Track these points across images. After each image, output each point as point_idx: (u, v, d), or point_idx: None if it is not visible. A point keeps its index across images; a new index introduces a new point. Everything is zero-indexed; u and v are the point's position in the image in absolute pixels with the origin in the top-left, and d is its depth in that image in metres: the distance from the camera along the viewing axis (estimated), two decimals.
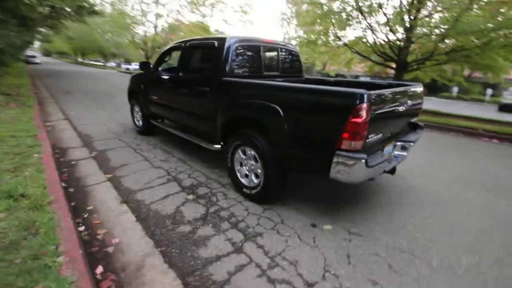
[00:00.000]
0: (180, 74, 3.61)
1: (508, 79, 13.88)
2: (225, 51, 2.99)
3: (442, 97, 21.37)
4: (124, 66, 36.87)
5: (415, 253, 2.13)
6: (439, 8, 8.54)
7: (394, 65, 10.33)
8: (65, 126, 5.38)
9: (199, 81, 3.29)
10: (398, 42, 9.64)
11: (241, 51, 3.12)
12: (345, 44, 11.14)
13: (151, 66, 4.30)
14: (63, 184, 2.87)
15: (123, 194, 2.85)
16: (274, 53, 3.49)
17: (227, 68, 2.98)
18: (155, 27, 21.12)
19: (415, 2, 8.73)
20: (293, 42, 17.79)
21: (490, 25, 7.51)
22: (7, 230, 1.93)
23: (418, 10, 8.95)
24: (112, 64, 42.54)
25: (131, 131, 5.28)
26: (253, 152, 2.66)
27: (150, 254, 2.00)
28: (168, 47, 4.23)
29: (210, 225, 2.39)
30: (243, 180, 2.87)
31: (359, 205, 2.85)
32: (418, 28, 9.15)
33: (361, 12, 9.41)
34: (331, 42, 11.44)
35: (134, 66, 34.28)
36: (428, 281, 1.87)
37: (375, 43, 10.27)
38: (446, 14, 8.46)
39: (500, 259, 2.14)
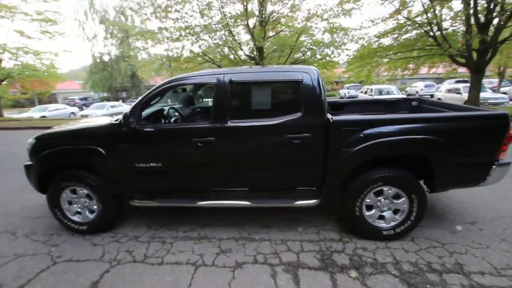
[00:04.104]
0: (229, 123, 2.49)
1: None
2: (318, 86, 2.48)
3: None
4: None
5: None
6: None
7: None
8: None
9: (281, 127, 2.47)
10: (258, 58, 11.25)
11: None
12: (209, 60, 11.61)
13: (136, 115, 2.55)
14: None
15: None
16: None
17: (325, 106, 2.50)
18: None
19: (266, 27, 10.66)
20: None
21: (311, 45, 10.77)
22: None
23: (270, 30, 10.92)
24: None
25: (64, 238, 2.89)
26: (394, 190, 2.50)
27: None
28: (162, 84, 2.65)
29: (429, 286, 2.08)
30: (376, 223, 2.61)
31: (438, 202, 3.39)
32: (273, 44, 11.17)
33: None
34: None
35: None
36: None
37: (240, 59, 11.48)
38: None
39: None
